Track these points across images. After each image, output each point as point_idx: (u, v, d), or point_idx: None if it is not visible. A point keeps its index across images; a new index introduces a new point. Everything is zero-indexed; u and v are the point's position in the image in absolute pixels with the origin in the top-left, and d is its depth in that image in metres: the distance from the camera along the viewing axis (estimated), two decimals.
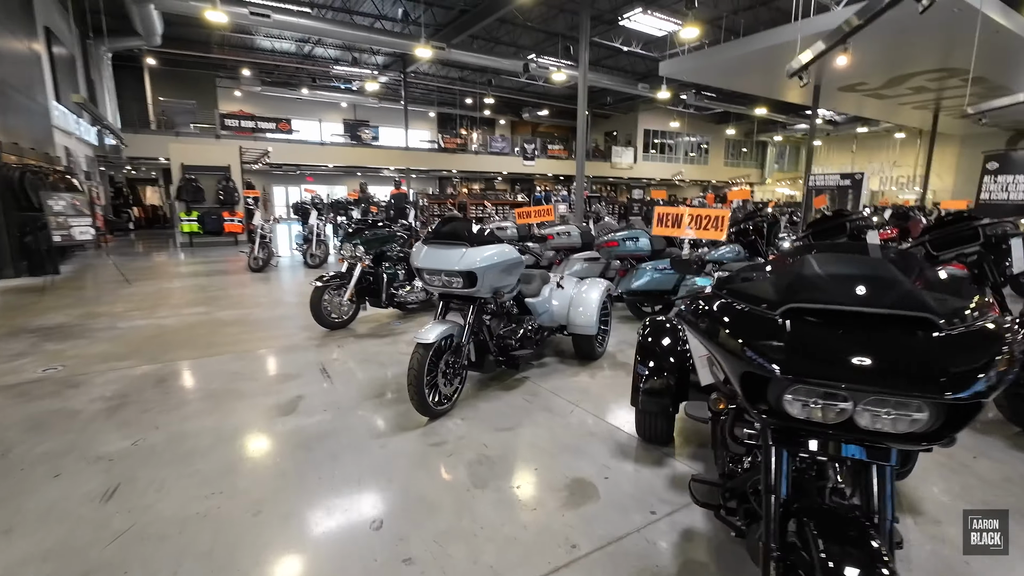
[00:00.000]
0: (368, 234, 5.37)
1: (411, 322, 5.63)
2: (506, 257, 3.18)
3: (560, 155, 28.20)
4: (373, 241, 5.39)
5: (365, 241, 5.30)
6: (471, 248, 3.08)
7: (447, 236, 3.16)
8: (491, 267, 3.08)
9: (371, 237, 5.39)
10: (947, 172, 31.76)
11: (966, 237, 3.76)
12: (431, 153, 24.91)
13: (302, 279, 8.62)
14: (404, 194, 14.20)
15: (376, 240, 5.43)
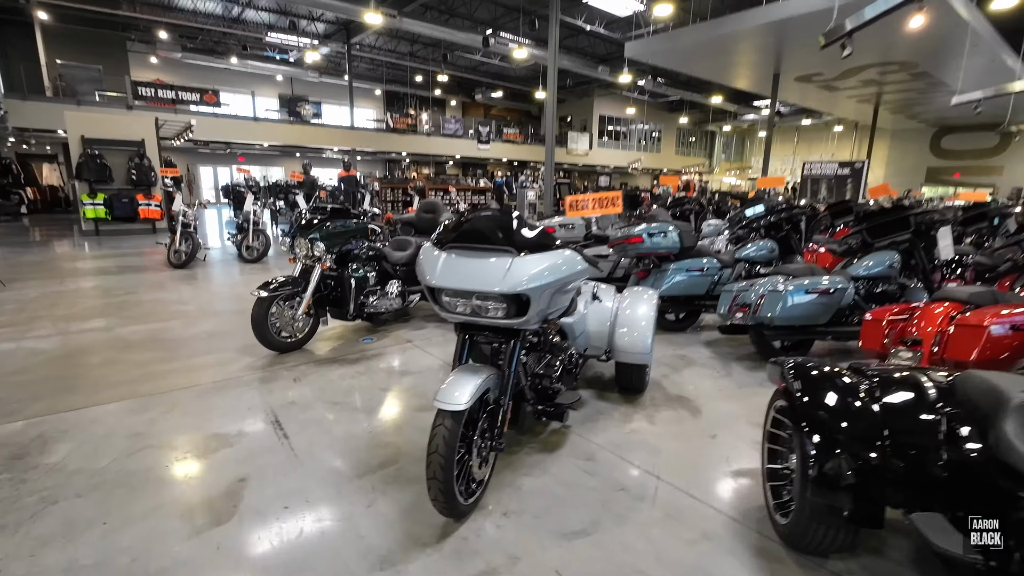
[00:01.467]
0: (330, 226, 4.12)
1: (386, 337, 4.45)
2: (572, 270, 2.12)
3: (515, 139, 27.09)
4: (336, 235, 4.15)
5: (326, 235, 4.05)
6: (520, 257, 2.00)
7: (478, 237, 2.06)
8: (549, 285, 2.02)
9: (334, 230, 4.14)
10: (879, 164, 33.06)
11: (898, 225, 4.02)
12: (379, 134, 23.06)
13: (237, 277, 7.13)
14: (354, 177, 12.68)
15: (340, 234, 4.19)
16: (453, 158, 28.22)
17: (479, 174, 26.40)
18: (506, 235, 2.05)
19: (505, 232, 2.05)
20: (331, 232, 4.10)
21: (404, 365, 3.80)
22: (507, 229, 2.07)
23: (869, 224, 4.23)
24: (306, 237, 3.99)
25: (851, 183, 10.62)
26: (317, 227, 4.04)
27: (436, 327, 4.79)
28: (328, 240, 4.05)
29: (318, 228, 4.04)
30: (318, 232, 4.03)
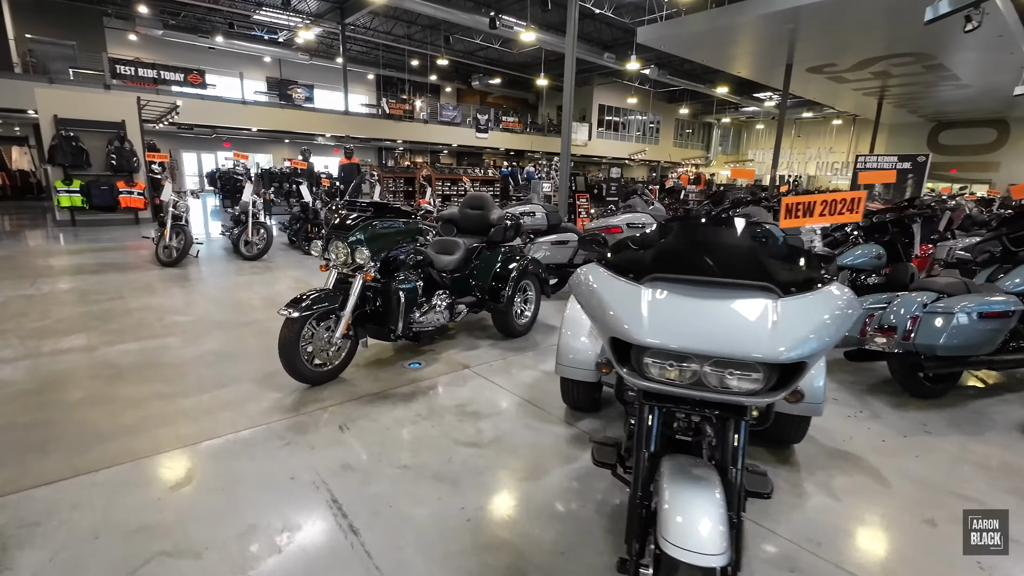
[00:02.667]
0: (377, 226, 3.30)
1: (435, 361, 3.67)
2: (851, 316, 1.36)
3: (514, 128, 26.17)
4: (383, 238, 3.34)
5: (372, 238, 3.24)
6: (787, 299, 1.25)
7: (706, 264, 1.29)
8: (830, 344, 1.25)
9: (381, 231, 3.33)
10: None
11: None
12: (374, 120, 21.99)
13: (239, 279, 6.26)
14: (356, 165, 11.75)
15: (387, 236, 3.38)
16: (449, 146, 27.23)
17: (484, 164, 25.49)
18: (756, 262, 1.29)
19: (753, 257, 1.30)
20: (377, 233, 3.29)
21: (472, 403, 3.04)
22: (755, 252, 1.31)
23: (1012, 230, 3.56)
24: (345, 240, 3.18)
25: (912, 178, 10.03)
26: (359, 227, 3.22)
27: (490, 345, 4.03)
28: (374, 244, 3.24)
29: (361, 229, 3.23)
30: (361, 234, 3.21)
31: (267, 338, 4.06)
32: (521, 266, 4.10)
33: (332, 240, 3.25)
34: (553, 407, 3.00)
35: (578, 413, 2.92)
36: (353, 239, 3.18)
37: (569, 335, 2.71)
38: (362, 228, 3.22)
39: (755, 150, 38.05)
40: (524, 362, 3.72)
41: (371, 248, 3.21)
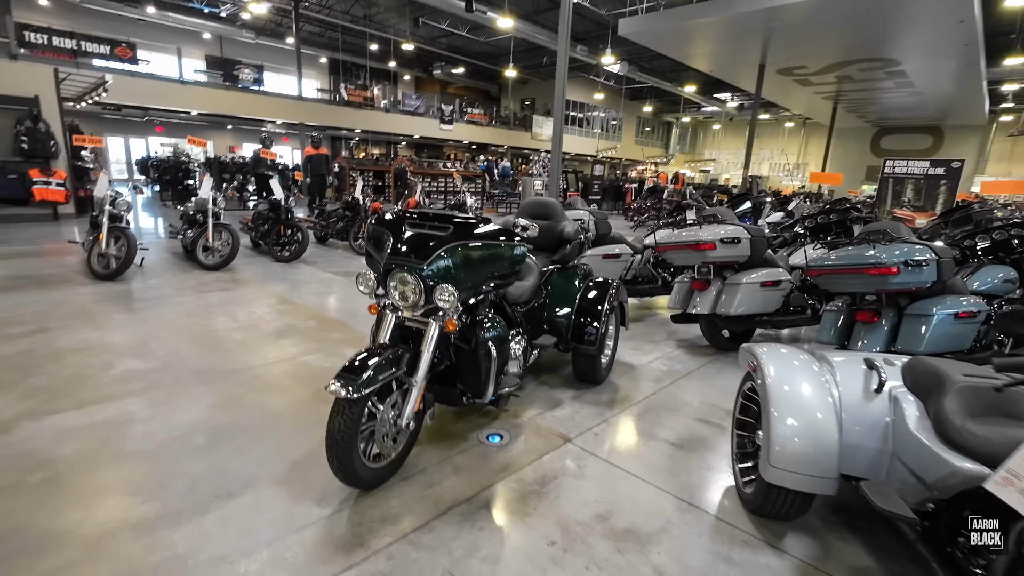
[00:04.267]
0: (471, 249, 2.26)
1: (516, 427, 2.71)
2: None
3: (480, 120, 25.04)
4: (477, 266, 2.32)
5: (461, 265, 2.23)
6: None
7: None
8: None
9: (476, 255, 2.30)
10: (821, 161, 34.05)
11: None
12: (330, 107, 20.25)
13: (203, 296, 4.97)
14: (324, 156, 10.39)
15: (483, 262, 2.36)
16: (410, 138, 25.75)
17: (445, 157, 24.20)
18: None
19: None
20: (470, 259, 2.28)
21: (615, 510, 2.11)
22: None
23: None
24: (419, 272, 2.15)
25: (945, 185, 9.86)
26: (443, 252, 2.19)
27: (572, 398, 3.11)
28: (464, 277, 2.24)
29: (448, 253, 2.20)
30: (448, 259, 2.19)
31: (273, 395, 2.95)
32: (612, 295, 3.20)
33: (394, 271, 2.21)
34: (726, 510, 2.13)
35: (769, 522, 2.07)
36: (433, 270, 2.16)
37: (787, 422, 1.86)
38: (449, 252, 2.19)
39: (711, 149, 38.79)
40: (633, 426, 2.83)
41: (460, 283, 2.20)
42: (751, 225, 3.95)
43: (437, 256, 2.18)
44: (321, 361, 3.52)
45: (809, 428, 1.84)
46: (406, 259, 2.19)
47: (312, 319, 4.45)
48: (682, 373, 3.64)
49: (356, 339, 4.00)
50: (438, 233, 2.28)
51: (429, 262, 2.16)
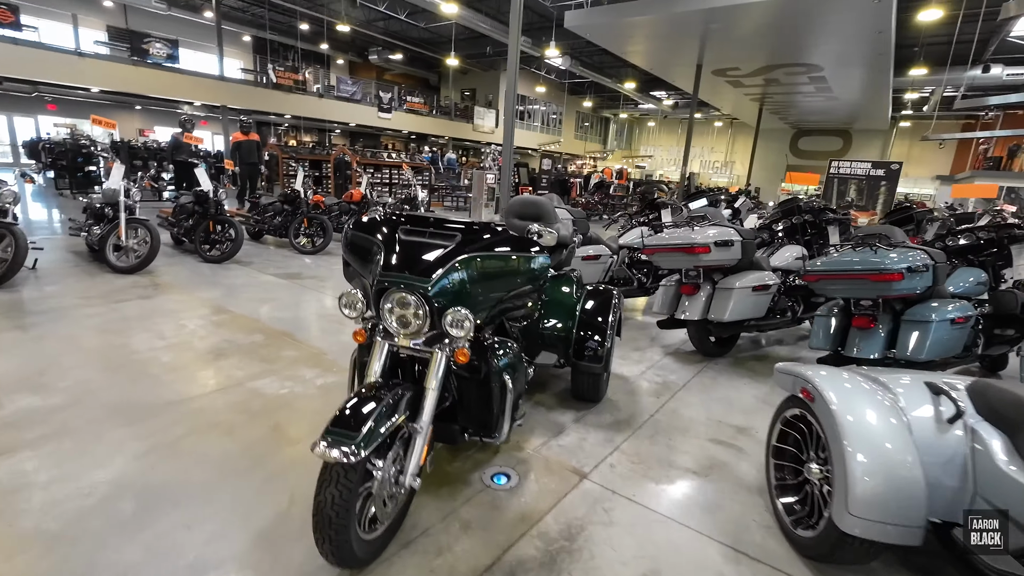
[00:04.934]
0: (482, 261, 1.81)
1: (525, 466, 2.35)
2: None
3: (420, 109, 24.15)
4: (496, 281, 1.90)
5: (478, 279, 1.81)
6: None
7: None
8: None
9: (494, 268, 1.87)
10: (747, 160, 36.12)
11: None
12: (257, 89, 18.67)
13: (117, 307, 4.18)
14: (256, 143, 9.41)
15: (503, 277, 1.95)
16: (346, 125, 24.43)
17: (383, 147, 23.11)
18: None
19: None
20: (487, 273, 1.87)
21: (658, 569, 1.81)
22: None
23: None
24: (424, 292, 1.72)
25: (885, 185, 10.37)
26: (457, 265, 1.77)
27: (573, 420, 2.79)
28: (480, 295, 1.84)
29: (462, 265, 1.78)
30: (463, 272, 1.78)
31: (220, 436, 2.41)
32: (616, 305, 2.90)
33: (390, 290, 1.77)
34: (778, 557, 1.89)
35: (826, 565, 1.85)
36: (440, 289, 1.74)
37: (865, 461, 1.62)
38: (460, 267, 1.78)
39: (647, 146, 39.93)
40: (648, 453, 2.55)
41: (473, 304, 1.80)
42: (742, 227, 3.80)
43: (446, 272, 1.76)
44: (275, 387, 2.98)
45: (890, 468, 1.62)
46: (406, 276, 1.75)
47: (256, 332, 3.84)
48: (678, 385, 3.42)
49: (313, 357, 3.46)
50: (443, 243, 1.86)
51: (436, 280, 1.74)
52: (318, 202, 7.46)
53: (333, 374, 3.20)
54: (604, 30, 15.70)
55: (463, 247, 1.84)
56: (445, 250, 1.82)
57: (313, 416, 2.68)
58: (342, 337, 3.93)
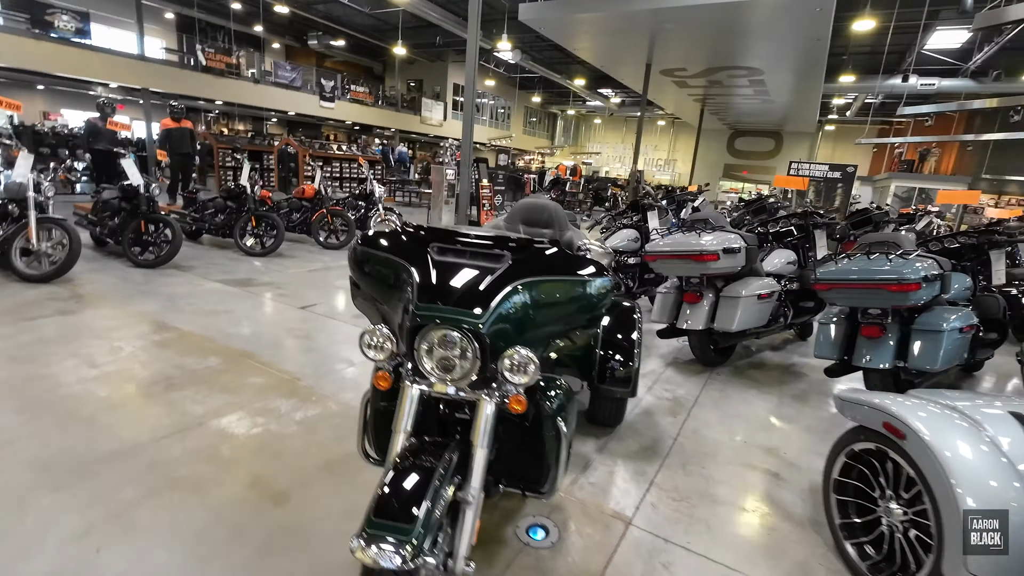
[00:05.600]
0: (551, 288, 1.50)
1: (561, 514, 2.05)
2: None
3: (365, 99, 23.09)
4: (556, 310, 1.58)
5: (540, 306, 1.47)
6: None
7: None
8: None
9: (557, 290, 1.54)
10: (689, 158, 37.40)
11: None
12: (185, 71, 17.07)
13: (32, 328, 3.47)
14: (188, 131, 8.47)
15: (568, 303, 1.61)
16: (284, 114, 22.99)
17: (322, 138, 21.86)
18: None
19: None
20: (545, 306, 1.54)
21: None
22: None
23: None
24: (471, 328, 1.36)
25: (841, 187, 10.75)
26: (495, 292, 1.42)
27: (596, 450, 2.51)
28: (537, 331, 1.51)
29: (503, 298, 1.43)
30: (514, 309, 1.44)
31: (186, 500, 1.94)
32: (638, 320, 2.64)
33: (430, 328, 1.40)
34: None
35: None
36: (496, 324, 1.39)
37: (980, 509, 1.44)
38: (520, 293, 1.44)
39: (593, 143, 40.46)
40: (686, 487, 2.32)
41: (532, 340, 1.47)
42: (746, 233, 3.66)
43: (500, 303, 1.42)
44: (245, 425, 2.50)
45: (1008, 517, 1.45)
46: (452, 309, 1.39)
47: (211, 354, 3.29)
48: (689, 400, 3.24)
49: (284, 384, 2.98)
50: (488, 265, 1.51)
51: (490, 313, 1.39)
52: (265, 198, 6.77)
53: (314, 405, 2.75)
54: (558, 25, 15.59)
55: (516, 270, 1.50)
56: (494, 274, 1.48)
57: (299, 462, 2.25)
58: (313, 355, 3.46)
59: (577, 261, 1.66)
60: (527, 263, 1.55)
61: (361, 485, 2.06)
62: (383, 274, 1.60)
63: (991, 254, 3.87)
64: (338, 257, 6.71)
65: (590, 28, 15.86)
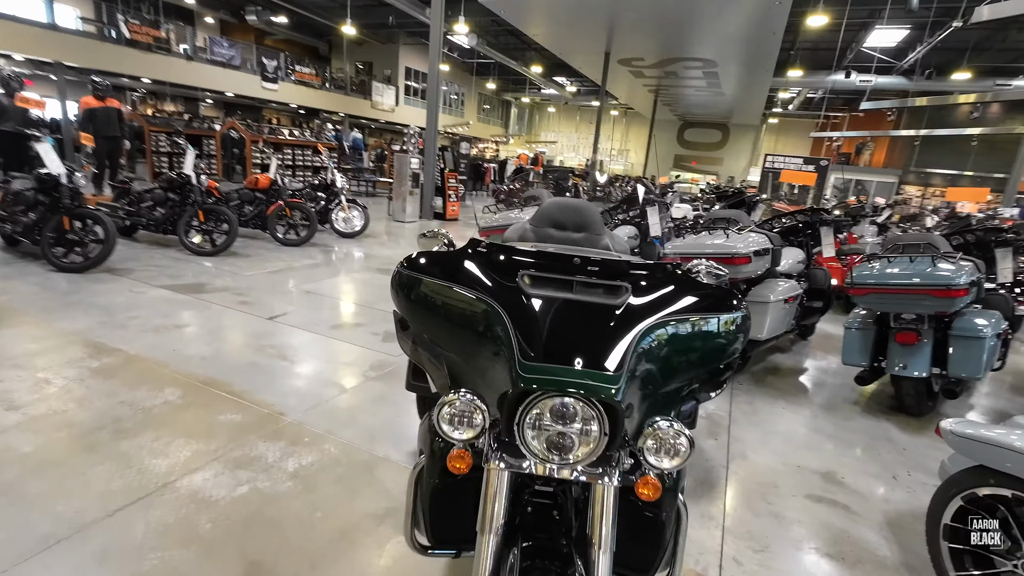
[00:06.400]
0: (685, 329, 1.12)
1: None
2: None
3: (312, 81, 21.72)
4: (691, 355, 1.18)
5: (670, 362, 1.12)
6: None
7: None
8: None
9: (694, 337, 1.16)
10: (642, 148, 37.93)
11: None
12: (106, 44, 15.30)
13: None
14: (115, 111, 7.45)
15: (705, 351, 1.21)
16: (221, 95, 21.28)
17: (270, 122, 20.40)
18: None
19: None
20: (680, 349, 1.15)
21: None
22: None
23: None
24: (602, 393, 0.97)
25: (815, 181, 10.84)
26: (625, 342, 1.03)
27: None
28: (667, 387, 1.13)
29: (640, 350, 1.05)
30: (649, 362, 1.05)
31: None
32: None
33: (543, 396, 0.99)
34: None
35: None
36: (631, 386, 1.01)
37: None
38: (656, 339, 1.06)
39: (547, 131, 40.26)
40: (761, 529, 2.03)
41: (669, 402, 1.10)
42: (771, 232, 3.42)
43: (633, 354, 1.03)
44: (226, 485, 1.99)
45: None
46: (574, 371, 0.99)
47: (168, 384, 2.71)
48: (723, 417, 2.98)
49: (265, 421, 2.47)
50: (609, 301, 1.12)
51: (624, 371, 1.00)
52: (212, 189, 5.99)
53: (307, 449, 2.27)
54: (518, 9, 15.17)
55: (642, 308, 1.11)
56: (616, 315, 1.09)
57: (304, 534, 1.78)
58: (294, 380, 2.93)
59: (710, 288, 1.29)
60: (651, 295, 1.17)
61: (392, 560, 1.63)
62: (452, 311, 1.18)
63: (996, 252, 3.84)
64: (300, 255, 6.06)
65: (552, 13, 15.64)
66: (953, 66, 17.75)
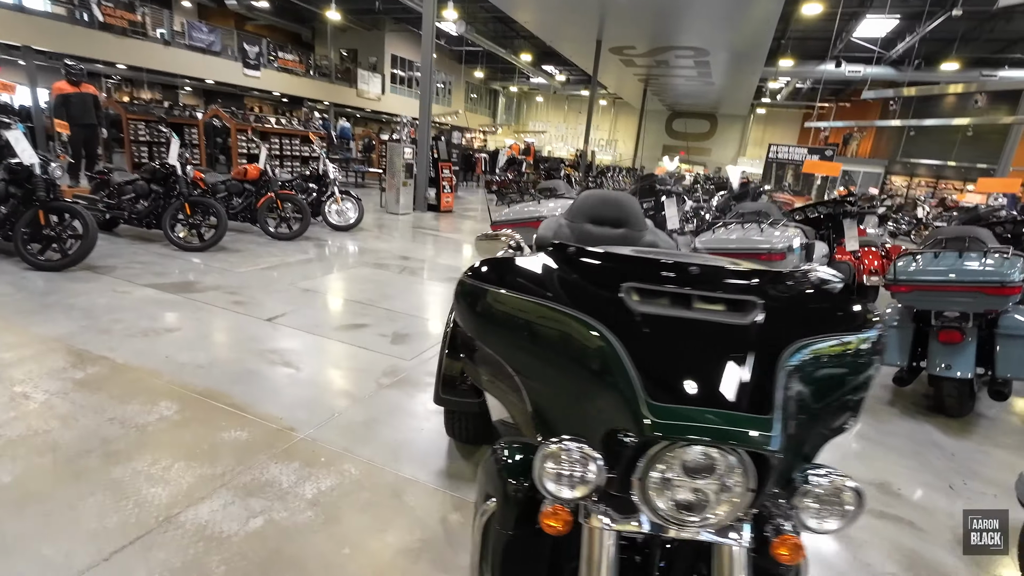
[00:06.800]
0: (824, 354, 0.92)
1: None
2: None
3: (295, 68, 21.08)
4: (831, 388, 0.97)
5: (816, 397, 0.93)
6: None
7: None
8: None
9: (834, 364, 0.94)
10: (630, 138, 37.76)
11: None
12: (78, 28, 14.58)
13: None
14: (92, 98, 7.02)
15: (843, 380, 0.99)
16: (201, 82, 20.56)
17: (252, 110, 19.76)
18: None
19: None
20: (824, 379, 0.93)
21: None
22: None
23: None
24: (753, 442, 0.77)
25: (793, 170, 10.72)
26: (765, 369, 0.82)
27: None
28: (820, 424, 0.93)
29: (789, 376, 0.84)
30: (799, 394, 0.85)
31: None
32: None
33: (676, 446, 0.78)
34: None
35: None
36: (784, 431, 0.80)
37: None
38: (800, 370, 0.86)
39: (535, 121, 39.87)
40: (842, 557, 1.86)
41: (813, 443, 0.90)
42: (804, 226, 3.25)
43: (783, 390, 0.83)
44: (237, 517, 1.75)
45: None
46: (718, 415, 0.79)
47: (162, 397, 2.45)
48: None
49: (274, 437, 2.23)
50: (741, 320, 0.91)
51: (777, 413, 0.80)
52: (198, 180, 5.65)
53: (325, 470, 2.04)
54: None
55: (782, 328, 0.91)
56: (749, 337, 0.88)
57: (331, 574, 1.56)
58: (300, 389, 2.69)
59: (844, 300, 1.08)
60: (781, 311, 0.96)
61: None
62: (539, 333, 0.96)
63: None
64: (293, 250, 5.76)
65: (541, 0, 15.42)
66: (941, 56, 17.83)
